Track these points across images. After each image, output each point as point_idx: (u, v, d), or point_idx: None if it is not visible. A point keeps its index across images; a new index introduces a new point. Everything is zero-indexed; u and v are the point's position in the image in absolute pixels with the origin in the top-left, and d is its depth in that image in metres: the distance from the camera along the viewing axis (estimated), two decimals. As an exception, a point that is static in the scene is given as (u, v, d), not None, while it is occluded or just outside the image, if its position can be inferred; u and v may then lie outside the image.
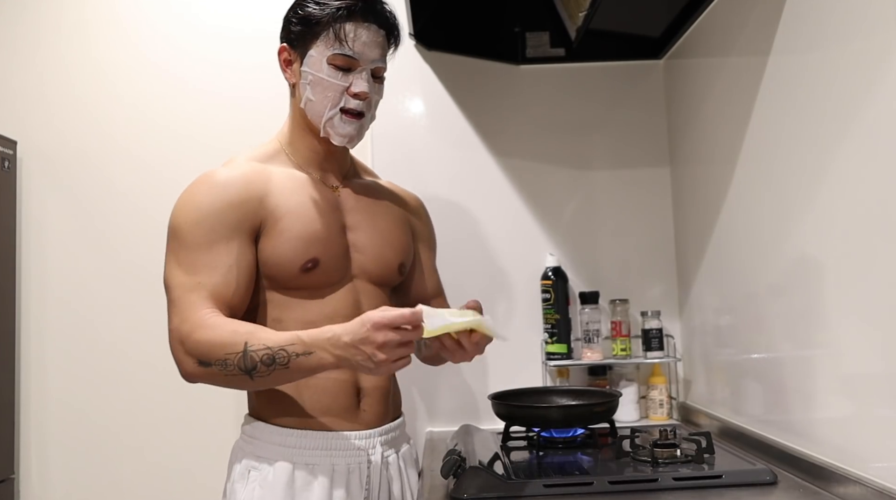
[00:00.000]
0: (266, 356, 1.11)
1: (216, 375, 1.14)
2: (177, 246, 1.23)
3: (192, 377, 1.17)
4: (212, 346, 1.13)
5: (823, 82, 1.17)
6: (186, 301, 1.18)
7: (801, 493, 1.19)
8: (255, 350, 1.11)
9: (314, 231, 1.28)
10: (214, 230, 1.22)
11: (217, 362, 1.13)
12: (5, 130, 2.00)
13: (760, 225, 1.42)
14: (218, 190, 1.25)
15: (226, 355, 1.12)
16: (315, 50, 1.29)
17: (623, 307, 1.89)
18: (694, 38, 1.78)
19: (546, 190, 2.00)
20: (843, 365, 1.15)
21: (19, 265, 2.01)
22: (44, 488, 1.98)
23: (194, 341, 1.15)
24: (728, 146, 1.55)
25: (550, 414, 1.58)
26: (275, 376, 1.12)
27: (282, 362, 1.11)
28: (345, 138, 1.31)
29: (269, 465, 1.24)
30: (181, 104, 2.05)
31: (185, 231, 1.23)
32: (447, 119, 2.00)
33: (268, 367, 1.11)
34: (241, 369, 1.12)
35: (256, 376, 1.12)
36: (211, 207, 1.23)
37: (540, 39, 2.00)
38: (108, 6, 2.07)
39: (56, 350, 2.00)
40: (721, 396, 1.69)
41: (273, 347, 1.11)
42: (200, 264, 1.21)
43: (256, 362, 1.11)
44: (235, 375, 1.13)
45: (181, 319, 1.18)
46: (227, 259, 1.22)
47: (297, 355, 1.10)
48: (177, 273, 1.21)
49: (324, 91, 1.28)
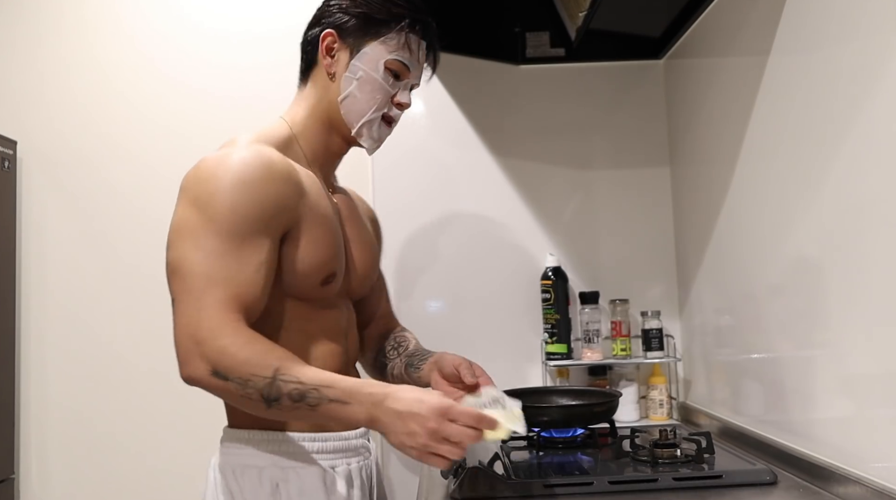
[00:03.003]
0: (295, 391, 1.00)
1: (228, 390, 1.02)
2: (206, 228, 1.07)
3: (195, 382, 1.04)
4: (237, 361, 1.01)
5: (823, 82, 1.17)
6: (210, 298, 1.04)
7: (801, 493, 1.19)
8: (284, 380, 1.01)
9: (336, 244, 1.22)
10: (254, 221, 1.09)
11: (237, 380, 1.01)
12: (5, 130, 2.00)
13: (760, 225, 1.42)
14: (261, 174, 1.11)
15: (251, 376, 1.01)
16: (372, 48, 1.24)
17: (623, 307, 1.89)
18: (694, 38, 1.78)
19: (546, 190, 2.00)
20: (843, 365, 1.15)
21: (19, 265, 2.01)
22: (44, 488, 1.98)
23: (217, 348, 1.02)
24: (728, 146, 1.55)
25: (550, 414, 1.58)
26: (294, 413, 1.03)
27: (311, 402, 1.00)
28: (376, 144, 1.29)
29: (298, 473, 1.16)
30: (181, 104, 2.05)
31: (221, 214, 1.07)
32: (447, 119, 2.01)
33: (294, 402, 1.01)
34: (262, 395, 1.01)
35: (275, 407, 1.02)
36: (254, 195, 1.09)
37: (540, 39, 2.00)
38: (108, 6, 2.07)
39: (56, 351, 2.00)
40: (721, 396, 1.69)
41: (307, 383, 1.01)
42: (231, 256, 1.06)
43: (282, 395, 1.01)
44: (251, 399, 1.02)
45: (200, 316, 1.03)
46: (258, 257, 1.09)
47: (329, 400, 1.00)
48: (200, 259, 1.06)
49: (373, 92, 1.24)
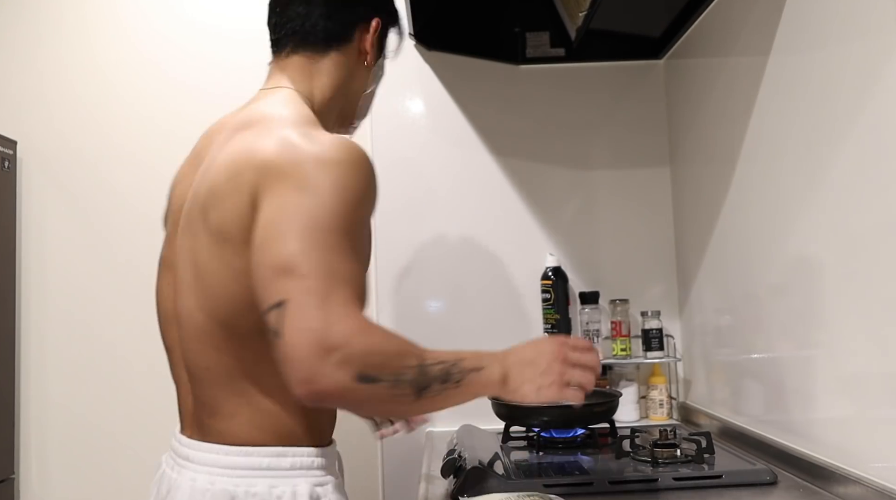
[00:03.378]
0: (441, 371, 0.94)
1: (374, 393, 0.89)
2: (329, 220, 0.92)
3: (329, 396, 0.88)
4: (388, 356, 0.90)
5: (824, 82, 1.17)
6: (339, 298, 0.88)
7: (801, 493, 1.19)
8: (430, 364, 0.93)
9: None
10: (363, 221, 1.00)
11: (388, 377, 0.89)
12: (5, 130, 2.00)
13: (760, 225, 1.42)
14: (370, 171, 1.01)
15: (402, 368, 0.91)
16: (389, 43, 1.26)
17: (623, 307, 1.89)
18: (694, 38, 1.78)
19: (546, 190, 2.00)
20: (842, 365, 1.15)
21: (19, 265, 2.01)
22: (44, 488, 1.98)
23: (364, 349, 0.88)
24: (728, 146, 1.55)
25: (550, 414, 1.58)
26: (441, 397, 0.95)
27: (455, 378, 0.95)
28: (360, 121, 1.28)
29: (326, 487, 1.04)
30: (181, 104, 2.05)
31: (342, 210, 0.94)
32: (447, 119, 2.01)
33: (442, 384, 0.94)
34: (413, 386, 0.91)
35: (425, 397, 0.93)
36: (370, 186, 1.00)
37: (540, 39, 2.00)
38: (108, 6, 2.07)
39: (56, 350, 2.00)
40: (721, 396, 1.69)
41: (448, 360, 0.95)
42: (352, 253, 0.94)
43: (431, 380, 0.93)
44: (403, 394, 0.91)
45: (329, 321, 0.87)
46: (364, 252, 1.01)
47: (468, 371, 0.95)
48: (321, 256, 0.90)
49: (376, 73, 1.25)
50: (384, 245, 1.94)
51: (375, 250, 1.80)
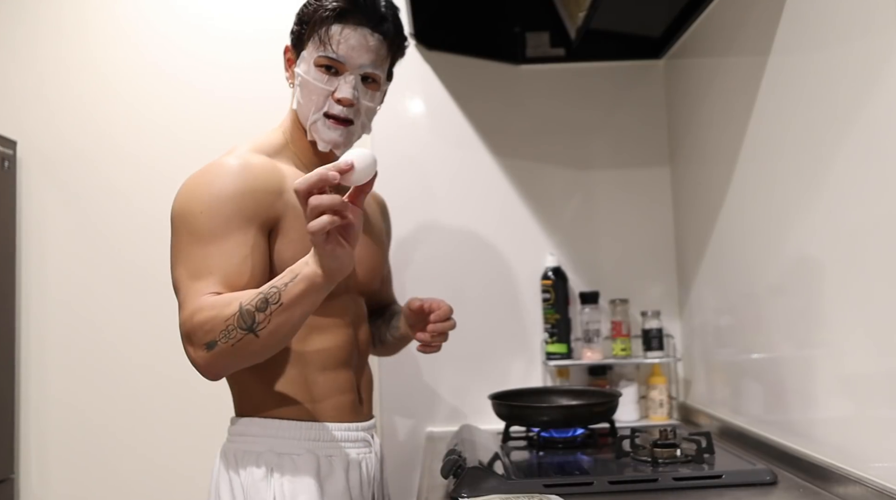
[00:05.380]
0: (259, 302, 1.04)
1: (226, 351, 1.07)
2: (187, 240, 1.16)
3: (209, 369, 1.10)
4: (212, 322, 1.07)
5: (823, 82, 1.17)
6: (193, 292, 1.12)
7: (801, 493, 1.19)
8: (248, 303, 1.05)
9: None
10: (231, 219, 1.16)
11: (221, 336, 1.06)
12: (5, 130, 2.00)
13: (760, 225, 1.42)
14: (233, 176, 1.18)
15: (225, 323, 1.06)
16: (306, 51, 1.27)
17: (623, 307, 1.89)
18: (694, 38, 1.78)
19: (546, 190, 2.00)
20: (843, 365, 1.15)
21: (19, 265, 2.01)
22: (44, 488, 1.98)
23: (196, 324, 1.08)
24: (728, 146, 1.55)
25: (550, 414, 1.58)
26: (276, 320, 1.05)
27: (274, 300, 1.04)
28: (328, 144, 1.28)
29: (292, 460, 1.23)
30: (181, 104, 2.05)
31: (198, 220, 1.15)
32: (447, 119, 2.01)
33: (264, 312, 1.04)
34: (242, 329, 1.05)
35: (260, 330, 1.05)
36: (227, 194, 1.16)
37: (540, 39, 2.00)
38: (108, 6, 2.07)
39: (56, 350, 2.00)
40: (721, 396, 1.69)
41: (262, 291, 1.05)
42: (214, 254, 1.13)
43: (253, 313, 1.05)
44: (241, 340, 1.06)
45: (185, 311, 1.11)
46: (242, 250, 1.15)
47: (284, 285, 1.04)
48: (186, 268, 1.14)
49: (309, 94, 1.26)
50: (384, 245, 1.94)
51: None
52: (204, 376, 1.12)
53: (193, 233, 1.15)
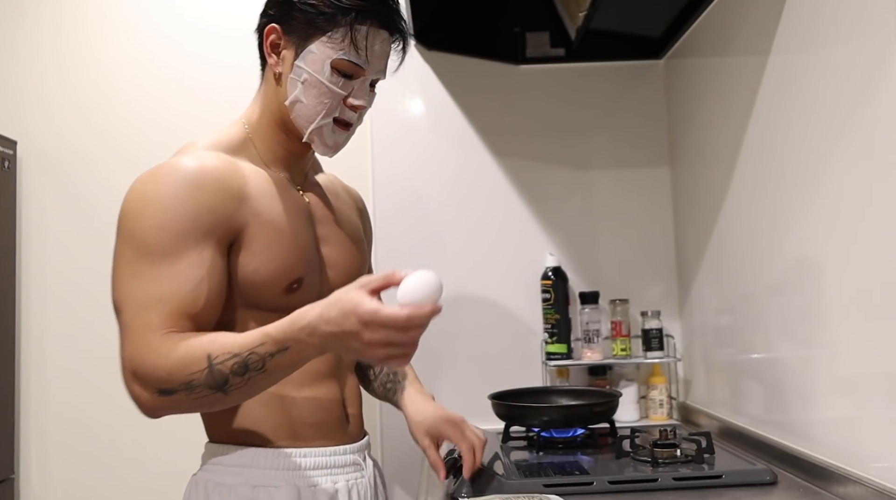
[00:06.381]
0: (236, 365, 0.94)
1: (183, 401, 0.97)
2: (134, 254, 1.04)
3: (154, 411, 0.99)
4: (170, 370, 0.96)
5: (823, 82, 1.17)
6: (141, 322, 1.00)
7: (801, 493, 1.19)
8: (221, 362, 0.95)
9: (299, 247, 1.14)
10: (185, 236, 1.03)
11: (181, 387, 0.96)
12: (5, 130, 2.00)
13: (760, 225, 1.42)
14: (189, 183, 1.05)
15: (189, 377, 0.95)
16: (318, 47, 1.12)
17: (623, 307, 1.89)
18: (694, 38, 1.78)
19: (546, 190, 2.00)
20: (842, 365, 1.15)
21: (19, 265, 2.01)
22: (44, 488, 1.98)
23: (149, 367, 0.97)
24: (728, 146, 1.55)
25: (550, 414, 1.58)
26: (253, 384, 0.96)
27: (255, 367, 0.94)
28: (331, 149, 1.18)
29: (269, 493, 1.10)
30: (181, 104, 2.05)
31: (149, 236, 1.03)
32: (447, 119, 2.01)
33: (242, 377, 0.95)
34: (210, 387, 0.95)
35: (231, 390, 0.96)
36: (182, 207, 1.03)
37: (540, 39, 2.00)
38: (108, 6, 2.07)
39: (56, 350, 2.00)
40: (721, 396, 1.69)
41: (241, 352, 0.95)
42: (165, 277, 1.01)
43: (227, 375, 0.95)
44: (205, 396, 0.96)
45: (133, 344, 0.99)
46: (197, 272, 1.02)
47: (270, 355, 0.94)
48: (132, 288, 1.02)
49: (320, 96, 1.13)
50: (384, 245, 1.94)
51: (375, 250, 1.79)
52: (143, 414, 1.01)
53: (141, 249, 1.03)
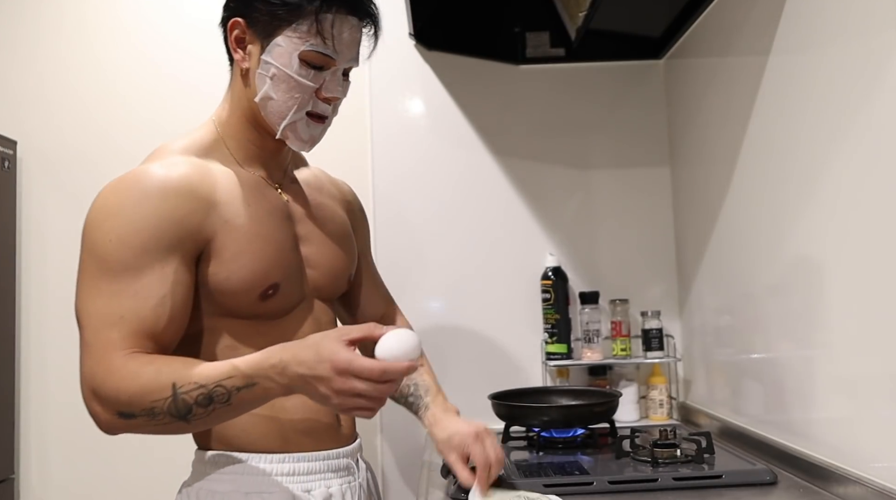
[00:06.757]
0: (201, 396, 0.94)
1: (143, 425, 0.97)
2: (95, 268, 1.01)
3: (111, 430, 0.99)
4: (132, 394, 0.95)
5: (823, 82, 1.17)
6: (103, 340, 0.98)
7: (801, 493, 1.19)
8: (186, 392, 0.94)
9: (273, 252, 1.11)
10: (147, 251, 1.00)
11: (142, 413, 0.95)
12: (5, 130, 2.00)
13: (760, 225, 1.42)
14: (154, 197, 1.02)
15: (152, 403, 0.95)
16: (284, 40, 1.09)
17: (623, 307, 1.89)
18: (694, 38, 1.78)
19: (546, 190, 2.00)
20: (842, 365, 1.15)
21: (19, 265, 2.01)
22: (44, 488, 1.98)
23: (111, 389, 0.96)
24: (728, 146, 1.55)
25: (550, 414, 1.58)
26: (216, 415, 0.96)
27: (221, 399, 0.94)
28: (306, 144, 1.14)
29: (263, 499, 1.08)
30: (181, 104, 2.05)
31: (109, 250, 1.00)
32: (447, 119, 2.01)
33: (206, 408, 0.95)
34: (172, 415, 0.95)
35: (194, 420, 0.96)
36: (144, 220, 1.01)
37: (540, 39, 2.00)
38: (108, 6, 2.07)
39: (56, 350, 2.00)
40: (721, 396, 1.69)
41: (207, 384, 0.94)
42: (126, 293, 0.99)
43: (190, 405, 0.95)
44: (167, 423, 0.96)
45: (95, 362, 0.97)
46: (160, 288, 1.00)
47: (237, 389, 0.94)
48: (93, 304, 1.00)
49: (290, 91, 1.10)
50: (384, 245, 1.95)
51: (375, 250, 1.79)
52: (100, 430, 1.00)
53: (101, 264, 1.00)
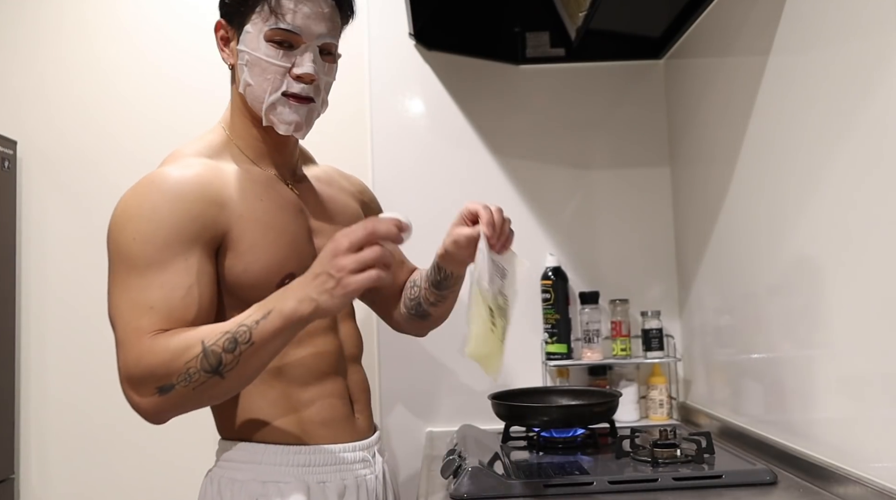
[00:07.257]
0: (227, 341, 0.96)
1: (184, 395, 0.98)
2: (122, 269, 1.05)
3: (157, 415, 1.01)
4: (167, 363, 0.98)
5: (823, 82, 1.17)
6: (133, 331, 1.01)
7: (801, 493, 1.19)
8: (214, 342, 0.97)
9: (287, 242, 1.15)
10: (169, 245, 1.04)
11: (179, 379, 0.97)
12: (5, 130, 2.00)
13: (760, 225, 1.42)
14: (171, 196, 1.06)
15: (186, 365, 0.97)
16: (251, 25, 1.13)
17: (623, 307, 1.89)
18: (694, 38, 1.78)
19: (546, 190, 2.00)
20: (842, 365, 1.15)
21: (19, 265, 2.00)
22: (44, 488, 1.98)
23: (145, 368, 0.99)
24: (728, 146, 1.55)
25: (550, 414, 1.58)
26: (245, 361, 0.97)
27: (244, 339, 0.96)
28: (290, 126, 1.16)
29: (279, 489, 1.12)
30: (182, 104, 2.05)
31: (133, 249, 1.04)
32: (447, 119, 2.01)
33: (233, 353, 0.96)
34: (206, 371, 0.97)
35: (227, 371, 0.97)
36: (164, 218, 1.05)
37: (540, 39, 2.00)
38: (108, 6, 2.07)
39: (56, 350, 2.00)
40: (721, 396, 1.69)
41: (231, 329, 0.98)
42: (153, 285, 1.03)
43: (220, 354, 0.96)
44: (204, 382, 0.97)
45: (126, 352, 1.01)
46: (186, 279, 1.04)
47: (255, 322, 0.96)
48: (123, 301, 1.04)
49: (262, 73, 1.13)
50: (384, 245, 1.94)
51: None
52: (148, 421, 1.03)
53: (128, 262, 1.05)
